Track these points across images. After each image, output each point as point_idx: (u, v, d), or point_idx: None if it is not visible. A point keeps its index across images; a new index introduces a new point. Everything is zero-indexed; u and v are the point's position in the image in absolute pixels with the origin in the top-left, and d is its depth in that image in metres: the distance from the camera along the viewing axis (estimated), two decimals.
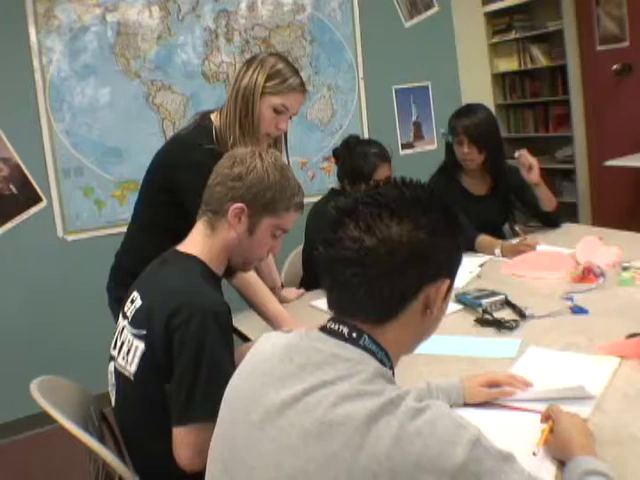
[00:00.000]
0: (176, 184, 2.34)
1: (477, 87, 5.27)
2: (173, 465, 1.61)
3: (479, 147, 3.22)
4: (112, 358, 1.81)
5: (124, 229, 3.75)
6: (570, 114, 5.93)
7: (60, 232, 3.87)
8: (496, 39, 6.39)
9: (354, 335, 1.14)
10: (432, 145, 5.00)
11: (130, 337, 1.70)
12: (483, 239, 3.17)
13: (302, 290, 2.83)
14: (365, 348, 1.13)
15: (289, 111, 2.40)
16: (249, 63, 2.40)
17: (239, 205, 1.78)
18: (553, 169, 6.19)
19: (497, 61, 6.50)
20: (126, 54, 3.93)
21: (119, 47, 3.92)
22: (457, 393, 1.69)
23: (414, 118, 4.96)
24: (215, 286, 1.82)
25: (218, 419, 1.22)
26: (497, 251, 3.07)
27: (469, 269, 2.85)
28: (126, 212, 3.90)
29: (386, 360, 1.15)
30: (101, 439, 1.87)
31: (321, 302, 2.62)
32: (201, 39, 4.15)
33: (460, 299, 2.48)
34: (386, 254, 1.10)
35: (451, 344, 2.13)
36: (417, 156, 4.89)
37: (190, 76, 4.12)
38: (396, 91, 4.86)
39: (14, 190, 3.74)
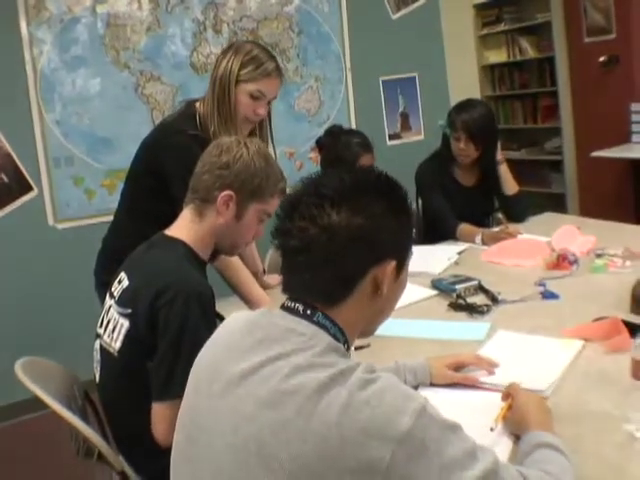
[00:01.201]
0: (161, 168, 2.41)
1: (464, 79, 5.30)
2: (152, 440, 1.68)
3: (476, 144, 3.25)
4: (98, 336, 1.89)
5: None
6: (558, 105, 5.97)
7: (51, 220, 3.93)
8: (485, 31, 6.43)
9: (308, 312, 1.20)
10: (419, 136, 5.05)
11: (116, 315, 1.78)
12: (464, 227, 3.22)
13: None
14: (319, 324, 1.19)
15: (266, 96, 2.46)
16: (225, 51, 2.47)
17: (227, 192, 1.85)
18: (542, 160, 6.25)
19: (486, 53, 6.54)
20: (116, 45, 3.98)
21: (109, 38, 3.97)
22: (423, 373, 1.75)
23: (401, 109, 4.99)
24: (200, 270, 1.89)
25: (186, 389, 1.28)
26: (478, 239, 3.13)
27: (447, 256, 2.91)
28: (115, 201, 3.78)
29: (340, 335, 1.21)
30: (84, 418, 1.94)
31: None
32: (190, 31, 4.20)
33: (435, 285, 2.54)
34: (327, 241, 1.17)
35: (423, 328, 2.20)
36: (404, 147, 4.93)
37: (179, 67, 4.17)
38: (383, 82, 4.91)
39: (5, 179, 3.80)
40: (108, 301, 1.87)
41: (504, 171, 3.40)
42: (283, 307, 1.24)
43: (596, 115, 5.59)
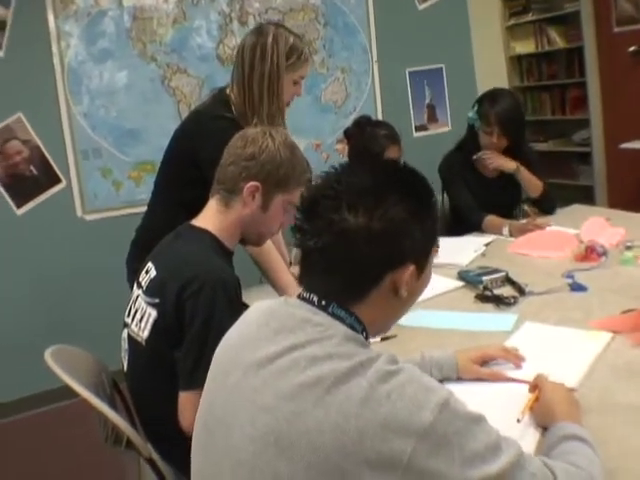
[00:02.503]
0: (199, 155, 2.40)
1: (492, 70, 5.24)
2: (178, 428, 1.69)
3: (507, 136, 3.22)
4: (126, 325, 1.90)
5: (141, 209, 3.77)
6: (587, 97, 5.89)
7: (79, 212, 3.98)
8: (512, 21, 6.34)
9: (323, 303, 1.18)
10: (446, 127, 5.02)
11: (144, 305, 1.79)
12: (490, 219, 3.20)
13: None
14: (333, 315, 1.17)
15: (303, 78, 2.53)
16: (262, 41, 2.45)
17: (253, 183, 1.86)
18: (570, 152, 6.16)
19: (514, 43, 6.46)
20: (142, 38, 4.00)
21: (135, 31, 3.99)
22: (450, 367, 1.73)
23: (428, 100, 4.96)
24: (226, 260, 1.90)
25: (206, 382, 1.28)
26: (505, 230, 3.10)
27: (474, 248, 2.90)
28: (142, 193, 3.99)
29: (357, 325, 1.18)
30: (113, 406, 1.95)
31: None
32: (215, 23, 4.21)
33: (462, 276, 2.53)
34: (343, 247, 1.14)
35: (450, 319, 2.19)
36: (431, 138, 4.91)
37: (205, 59, 4.18)
38: (410, 74, 4.88)
39: (34, 171, 3.84)
40: (136, 290, 1.89)
41: (525, 175, 3.32)
42: (299, 297, 1.23)
43: (625, 106, 5.49)
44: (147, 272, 1.85)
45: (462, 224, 3.29)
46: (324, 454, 1.00)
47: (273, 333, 1.16)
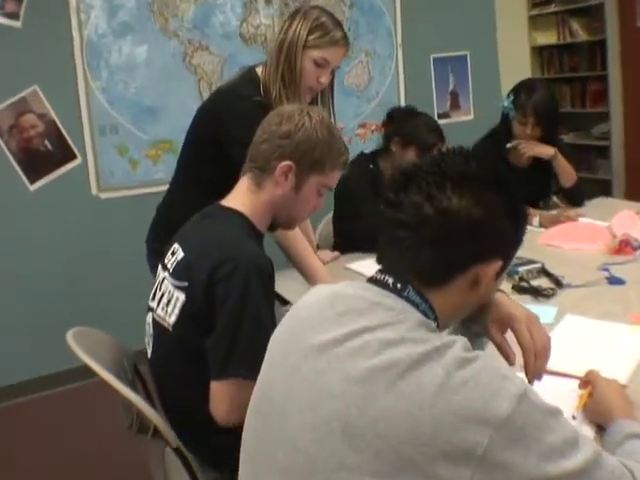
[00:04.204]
0: (223, 135, 2.34)
1: (515, 60, 5.17)
2: (207, 418, 1.62)
3: (542, 127, 3.19)
4: (150, 309, 1.82)
5: (158, 189, 3.77)
6: (607, 90, 5.82)
7: (94, 190, 3.89)
8: (535, 12, 6.27)
9: (398, 286, 1.12)
10: (469, 115, 4.96)
11: (171, 288, 1.71)
12: None
13: (337, 253, 2.83)
14: (408, 299, 1.11)
15: (330, 64, 2.38)
16: (293, 16, 2.39)
17: (287, 163, 1.76)
18: (588, 145, 6.10)
19: (535, 34, 6.38)
20: (165, 13, 3.91)
21: (157, 5, 3.89)
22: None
23: (451, 87, 4.90)
24: (258, 243, 1.82)
25: (261, 368, 1.22)
26: (535, 221, 3.05)
27: None
28: (160, 172, 3.94)
29: (430, 313, 1.13)
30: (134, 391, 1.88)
31: (356, 265, 2.62)
32: (240, 0, 4.12)
33: None
34: (440, 225, 1.09)
35: None
36: (453, 126, 4.84)
37: (228, 37, 4.10)
38: (434, 59, 4.82)
39: (49, 146, 3.76)
40: (161, 273, 1.80)
41: (561, 163, 3.30)
42: (370, 280, 1.17)
43: None
44: (173, 254, 1.77)
45: None
46: (395, 444, 0.95)
47: (339, 315, 1.10)
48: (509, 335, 1.38)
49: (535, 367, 1.35)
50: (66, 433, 3.32)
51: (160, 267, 1.83)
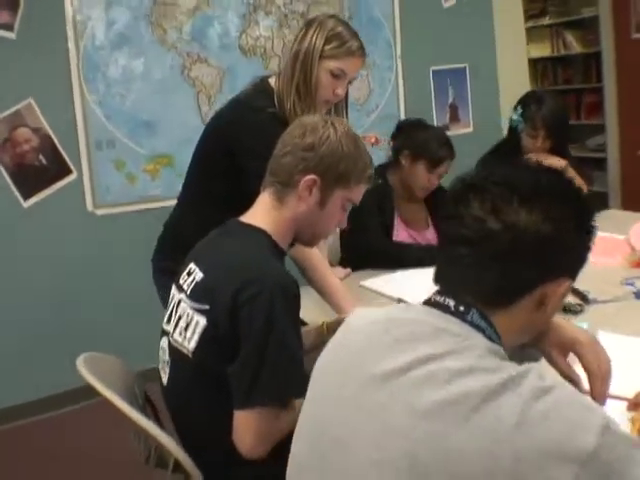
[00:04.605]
0: (237, 148, 2.24)
1: (514, 72, 5.13)
2: (229, 450, 1.53)
3: (552, 139, 3.15)
4: (165, 333, 1.72)
5: (156, 205, 3.75)
6: (603, 102, 5.83)
7: (90, 206, 3.76)
8: (529, 24, 6.28)
9: (461, 308, 1.04)
10: (468, 128, 4.90)
11: (189, 311, 1.61)
12: None
13: (349, 270, 2.75)
14: (472, 324, 1.03)
15: (347, 75, 2.29)
16: (308, 25, 2.30)
17: (311, 177, 1.68)
18: (584, 158, 6.09)
19: (529, 46, 6.39)
20: (163, 24, 3.81)
21: (155, 16, 3.79)
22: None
23: (450, 100, 4.85)
24: (280, 261, 1.73)
25: (306, 398, 1.14)
26: None
27: None
28: (158, 187, 3.85)
29: (495, 338, 1.05)
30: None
31: (370, 282, 2.55)
32: (239, 12, 4.03)
33: None
34: (508, 241, 1.02)
35: None
36: (453, 139, 4.69)
37: (227, 49, 4.00)
38: (433, 72, 4.76)
39: (44, 161, 3.64)
40: (176, 295, 1.70)
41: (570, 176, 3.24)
42: (428, 303, 1.09)
43: None
44: (190, 274, 1.67)
45: None
46: None
47: (397, 342, 1.02)
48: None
49: (601, 392, 1.27)
50: (63, 458, 3.20)
51: (174, 288, 1.73)
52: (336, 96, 2.31)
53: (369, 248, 2.79)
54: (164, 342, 1.72)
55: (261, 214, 1.73)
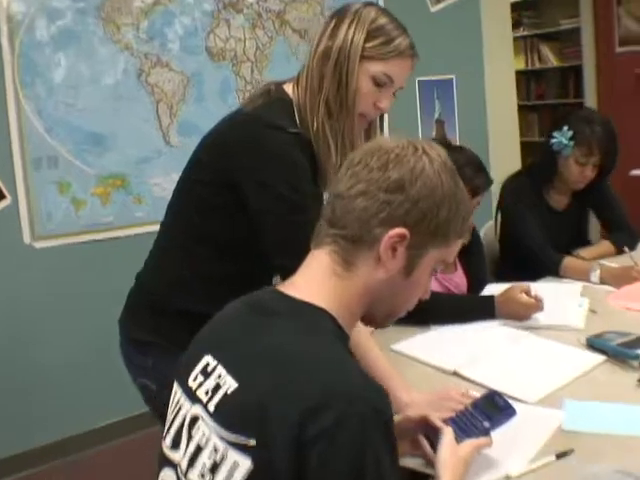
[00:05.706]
0: (245, 180, 1.66)
1: (499, 85, 4.79)
2: None
3: (603, 167, 2.74)
4: (167, 462, 1.14)
5: (106, 235, 3.39)
6: None
7: (27, 238, 3.22)
8: None
9: None
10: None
11: (217, 442, 1.02)
12: (572, 261, 2.65)
13: (370, 328, 2.20)
14: None
15: (393, 83, 1.72)
16: (340, 16, 1.71)
17: (400, 231, 1.12)
18: None
19: None
20: (116, 20, 3.31)
21: (107, 11, 3.29)
22: None
23: (437, 115, 4.50)
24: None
25: None
26: (594, 276, 2.52)
27: (575, 301, 2.29)
28: (110, 214, 3.38)
29: None
30: None
31: (401, 345, 2.03)
32: (205, 9, 3.57)
33: (595, 345, 1.91)
34: None
35: (620, 416, 1.54)
36: None
37: (191, 52, 3.53)
38: (419, 82, 4.38)
39: None
40: (184, 403, 1.13)
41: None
42: None
43: (632, 131, 5.19)
44: (207, 374, 1.11)
45: (526, 264, 2.67)
46: None
47: None
48: None
49: None
50: None
51: (180, 391, 1.17)
52: (377, 110, 1.74)
53: None
54: (168, 476, 1.13)
55: (317, 285, 1.17)
